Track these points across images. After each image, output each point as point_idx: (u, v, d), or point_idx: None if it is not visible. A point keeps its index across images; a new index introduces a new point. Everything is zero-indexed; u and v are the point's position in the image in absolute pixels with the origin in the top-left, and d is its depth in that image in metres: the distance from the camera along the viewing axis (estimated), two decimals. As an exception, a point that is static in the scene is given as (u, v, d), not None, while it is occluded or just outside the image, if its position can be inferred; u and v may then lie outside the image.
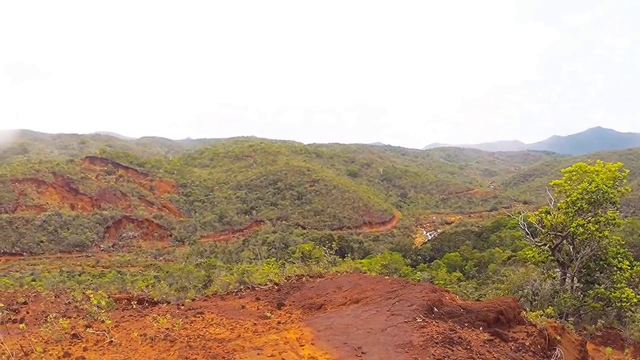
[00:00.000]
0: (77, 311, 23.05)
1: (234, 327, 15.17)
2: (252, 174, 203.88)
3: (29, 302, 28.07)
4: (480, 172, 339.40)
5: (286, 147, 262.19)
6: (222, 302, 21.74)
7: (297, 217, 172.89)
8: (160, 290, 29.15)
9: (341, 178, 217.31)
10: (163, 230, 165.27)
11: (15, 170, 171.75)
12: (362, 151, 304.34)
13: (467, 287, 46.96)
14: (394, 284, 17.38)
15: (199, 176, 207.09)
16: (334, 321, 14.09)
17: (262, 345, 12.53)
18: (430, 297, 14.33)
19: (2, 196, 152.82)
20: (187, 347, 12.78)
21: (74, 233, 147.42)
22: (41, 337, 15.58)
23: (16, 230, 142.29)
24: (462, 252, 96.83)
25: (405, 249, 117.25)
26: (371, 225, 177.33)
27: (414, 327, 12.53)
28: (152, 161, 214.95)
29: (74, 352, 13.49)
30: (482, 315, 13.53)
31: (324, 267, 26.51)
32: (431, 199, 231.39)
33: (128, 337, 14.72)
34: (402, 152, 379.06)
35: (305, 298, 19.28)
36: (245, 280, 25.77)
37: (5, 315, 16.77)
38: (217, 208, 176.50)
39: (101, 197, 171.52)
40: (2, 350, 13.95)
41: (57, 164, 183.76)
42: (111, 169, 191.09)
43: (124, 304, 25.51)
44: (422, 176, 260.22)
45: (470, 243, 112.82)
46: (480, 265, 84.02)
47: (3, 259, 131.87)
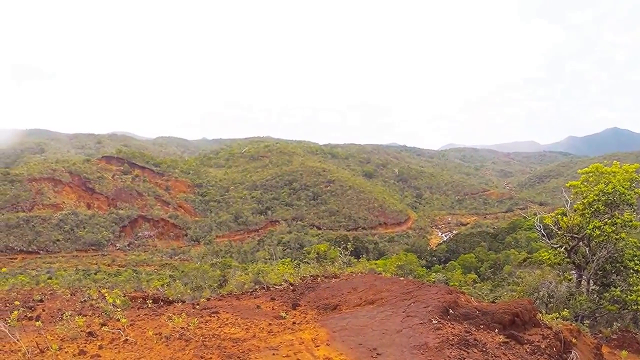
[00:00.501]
0: (92, 309, 23.16)
1: (249, 327, 15.14)
2: (267, 174, 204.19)
3: (45, 300, 28.25)
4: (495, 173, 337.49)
5: (301, 148, 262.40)
6: (237, 302, 21.73)
7: (312, 217, 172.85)
8: (175, 289, 29.22)
9: (356, 178, 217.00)
10: (179, 229, 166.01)
11: (32, 169, 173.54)
12: (378, 152, 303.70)
13: (482, 289, 46.58)
14: (409, 285, 17.29)
15: (214, 176, 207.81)
16: (349, 322, 14.03)
17: (277, 346, 12.48)
18: (446, 299, 14.23)
19: (19, 195, 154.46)
20: (202, 346, 12.77)
21: (90, 232, 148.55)
22: (57, 334, 15.63)
23: (33, 228, 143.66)
24: (478, 253, 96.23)
25: (420, 250, 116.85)
26: (386, 226, 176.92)
27: (430, 328, 12.46)
28: (168, 161, 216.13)
29: (89, 350, 13.52)
30: (498, 317, 13.42)
31: (339, 267, 26.44)
32: (446, 200, 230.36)
33: (143, 335, 14.74)
34: (418, 152, 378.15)
35: (320, 298, 19.22)
36: (261, 280, 25.76)
37: (21, 313, 16.88)
38: (233, 208, 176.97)
39: (117, 196, 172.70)
40: (18, 347, 14.05)
41: (74, 163, 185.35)
42: (127, 169, 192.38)
43: (139, 303, 25.57)
44: (438, 177, 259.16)
45: (486, 244, 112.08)
46: (496, 267, 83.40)
47: (20, 257, 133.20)
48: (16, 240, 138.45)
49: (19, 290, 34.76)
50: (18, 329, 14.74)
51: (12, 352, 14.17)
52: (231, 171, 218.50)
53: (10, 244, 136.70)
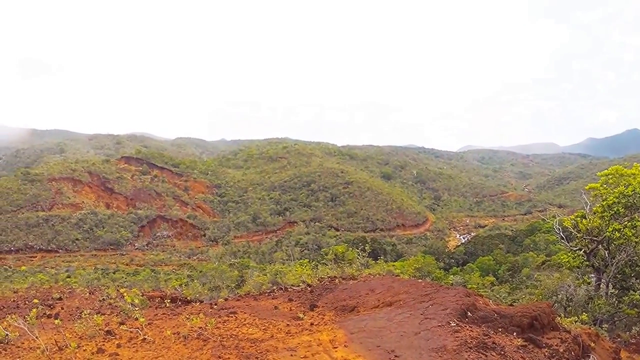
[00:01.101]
0: (111, 308, 23.27)
1: (267, 327, 15.10)
2: (285, 175, 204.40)
3: (63, 298, 28.45)
4: (514, 175, 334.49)
5: (320, 149, 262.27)
6: (254, 303, 21.72)
7: (330, 218, 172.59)
8: (193, 289, 29.30)
9: (375, 180, 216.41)
10: (197, 230, 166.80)
11: (52, 169, 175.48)
12: (396, 153, 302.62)
13: (500, 292, 46.25)
14: (427, 288, 17.18)
15: (233, 177, 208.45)
16: (367, 324, 13.95)
17: (295, 347, 12.43)
18: (464, 301, 14.12)
19: (39, 194, 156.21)
20: (220, 346, 12.75)
21: (109, 231, 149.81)
22: (75, 332, 15.71)
23: (52, 227, 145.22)
24: (496, 256, 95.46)
25: (438, 252, 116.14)
26: (404, 227, 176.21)
27: (448, 331, 12.37)
28: (187, 162, 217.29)
29: (107, 348, 13.57)
30: (516, 320, 13.31)
31: (356, 269, 26.35)
32: (465, 201, 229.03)
33: (161, 335, 14.76)
34: (436, 154, 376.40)
35: (338, 300, 19.16)
36: (278, 281, 25.74)
37: (40, 311, 17.01)
38: (251, 209, 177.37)
39: (136, 196, 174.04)
40: (37, 345, 14.14)
41: (93, 163, 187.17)
42: (146, 169, 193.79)
43: (157, 302, 25.67)
44: (456, 179, 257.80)
45: (504, 247, 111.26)
46: (514, 269, 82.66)
47: (39, 255, 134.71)
48: (36, 239, 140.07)
49: (38, 288, 35.08)
50: (37, 327, 14.83)
51: (31, 350, 14.27)
52: (250, 172, 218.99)
53: (30, 242, 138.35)
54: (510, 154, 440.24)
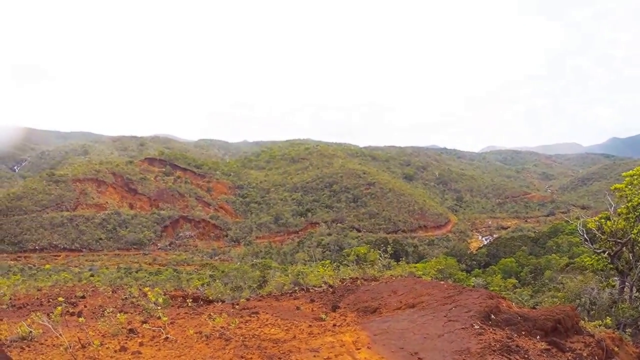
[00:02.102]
0: (133, 307, 23.45)
1: (289, 328, 15.08)
2: (308, 176, 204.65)
3: (87, 296, 28.74)
4: (537, 176, 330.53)
5: (342, 150, 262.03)
6: (276, 303, 21.73)
7: (352, 219, 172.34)
8: (215, 289, 29.40)
9: (397, 181, 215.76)
10: (219, 230, 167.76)
11: (76, 170, 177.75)
12: (418, 154, 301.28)
13: (522, 294, 45.76)
14: (450, 289, 17.07)
15: (255, 178, 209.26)
16: (390, 325, 13.88)
17: (318, 347, 12.38)
18: (488, 304, 14.00)
19: (64, 195, 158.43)
20: (243, 346, 12.74)
21: (132, 231, 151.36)
22: (98, 330, 15.84)
23: (76, 227, 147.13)
24: (518, 258, 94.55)
25: (460, 254, 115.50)
26: (426, 229, 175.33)
27: (472, 333, 12.26)
28: (210, 163, 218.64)
29: (130, 346, 13.63)
30: (540, 323, 13.16)
31: (378, 270, 26.26)
32: (487, 203, 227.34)
33: (184, 334, 14.82)
34: (458, 155, 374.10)
35: (360, 301, 19.10)
36: (300, 281, 25.72)
37: (63, 309, 17.15)
38: (273, 210, 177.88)
39: (159, 197, 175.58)
40: (60, 342, 14.26)
41: (117, 164, 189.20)
42: (169, 170, 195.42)
43: (179, 302, 25.84)
44: (478, 180, 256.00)
45: (527, 249, 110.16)
46: (536, 272, 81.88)
47: (63, 254, 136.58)
48: (60, 238, 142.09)
49: (61, 286, 35.51)
50: (61, 324, 14.97)
51: (54, 347, 14.39)
52: (272, 173, 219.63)
53: (54, 241, 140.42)
54: (532, 154, 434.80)
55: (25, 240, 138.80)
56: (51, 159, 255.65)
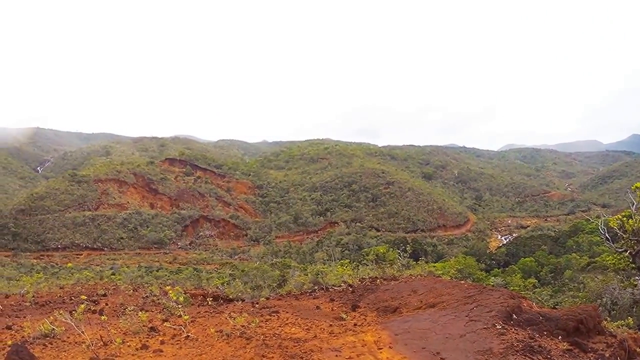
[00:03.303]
0: (154, 305, 23.61)
1: (310, 327, 15.09)
2: (327, 176, 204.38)
3: (108, 294, 29.01)
4: (557, 174, 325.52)
5: (361, 150, 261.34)
6: (296, 302, 21.74)
7: (371, 219, 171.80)
8: (235, 288, 29.52)
9: (416, 180, 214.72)
10: (239, 230, 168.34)
11: (98, 171, 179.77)
12: (437, 153, 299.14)
13: (542, 294, 45.31)
14: (470, 289, 16.97)
15: (274, 178, 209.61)
16: (411, 325, 13.84)
17: (339, 347, 12.36)
18: (509, 303, 13.90)
19: (86, 195, 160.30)
20: (263, 345, 12.76)
21: (153, 231, 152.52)
22: (120, 328, 15.97)
23: (98, 226, 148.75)
24: (538, 257, 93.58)
25: (479, 253, 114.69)
26: (445, 228, 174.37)
27: (494, 333, 12.19)
28: (230, 163, 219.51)
29: (151, 344, 13.72)
30: (562, 323, 13.01)
31: (397, 269, 26.16)
32: (507, 202, 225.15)
33: (204, 332, 14.89)
34: (477, 153, 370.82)
35: (380, 300, 19.06)
36: (320, 281, 25.71)
37: (85, 306, 17.32)
38: (292, 209, 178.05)
39: (180, 197, 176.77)
40: (82, 339, 14.41)
41: (138, 165, 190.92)
42: (190, 171, 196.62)
43: (199, 300, 25.97)
44: (498, 178, 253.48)
45: (546, 248, 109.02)
46: (556, 271, 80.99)
47: (85, 253, 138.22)
48: (82, 237, 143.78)
49: (83, 284, 35.91)
50: (83, 322, 15.12)
51: (76, 344, 14.53)
52: (291, 173, 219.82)
53: (76, 240, 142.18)
54: (552, 152, 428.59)
55: (48, 239, 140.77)
56: (73, 160, 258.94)
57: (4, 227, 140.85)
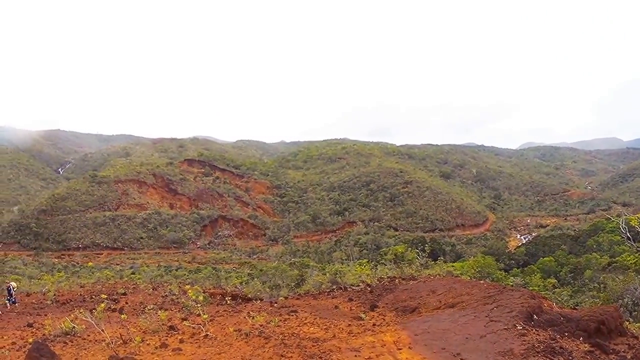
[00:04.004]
0: (173, 304, 23.83)
1: (328, 327, 15.07)
2: (345, 175, 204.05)
3: (128, 293, 29.33)
4: (577, 172, 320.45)
5: (378, 149, 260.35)
6: (314, 302, 21.76)
7: (389, 218, 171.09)
8: (253, 287, 29.64)
9: (434, 179, 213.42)
10: (257, 229, 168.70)
11: (118, 171, 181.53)
12: (455, 152, 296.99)
13: (561, 295, 44.80)
14: (490, 289, 16.86)
15: (293, 178, 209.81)
16: (430, 325, 13.76)
17: (359, 347, 12.33)
18: (530, 304, 13.78)
19: (106, 195, 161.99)
20: (282, 344, 12.77)
21: (172, 230, 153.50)
22: (139, 327, 16.12)
23: (118, 226, 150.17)
24: (557, 257, 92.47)
25: (498, 253, 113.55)
26: (464, 227, 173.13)
27: (514, 334, 12.09)
28: (248, 163, 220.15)
29: (170, 343, 13.81)
30: (583, 324, 12.85)
31: (416, 269, 26.12)
32: (526, 200, 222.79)
33: (223, 331, 14.95)
34: (496, 152, 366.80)
35: (399, 300, 19.02)
36: (338, 280, 25.72)
37: (105, 305, 17.49)
38: (311, 209, 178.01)
39: (199, 197, 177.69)
40: (102, 337, 14.57)
41: (158, 166, 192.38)
42: (208, 171, 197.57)
43: (218, 299, 26.11)
44: (517, 177, 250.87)
45: (566, 248, 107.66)
46: (576, 271, 79.89)
47: (105, 252, 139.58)
48: (102, 237, 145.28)
49: (104, 283, 36.38)
50: (103, 320, 15.28)
51: (96, 342, 14.70)
52: (309, 173, 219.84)
53: (97, 240, 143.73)
54: (571, 150, 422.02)
55: (69, 239, 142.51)
56: (94, 161, 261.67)
57: (26, 227, 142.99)
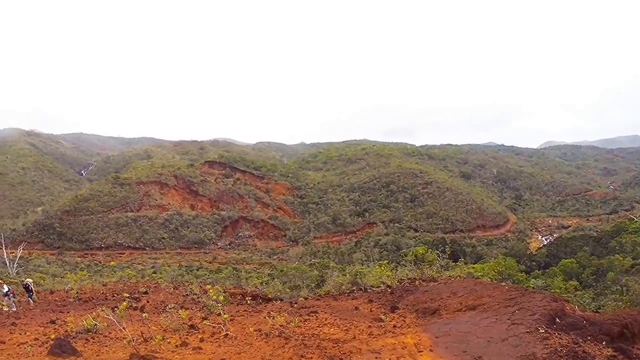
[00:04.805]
0: (194, 303, 23.98)
1: (349, 328, 15.06)
2: (365, 176, 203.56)
3: (149, 292, 29.57)
4: (598, 172, 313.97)
5: (398, 150, 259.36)
6: (334, 302, 21.75)
7: (409, 219, 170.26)
8: (274, 287, 29.71)
9: (454, 180, 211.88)
10: (278, 230, 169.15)
11: (140, 173, 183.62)
12: (475, 152, 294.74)
13: (583, 297, 44.14)
14: (511, 291, 16.73)
15: (313, 179, 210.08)
16: (451, 328, 13.69)
17: (379, 349, 12.28)
18: (552, 307, 13.64)
19: (128, 197, 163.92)
20: (302, 345, 12.78)
21: (193, 231, 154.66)
22: (160, 325, 16.27)
23: (140, 227, 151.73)
24: (579, 258, 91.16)
25: (519, 254, 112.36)
26: (484, 228, 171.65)
27: (537, 338, 11.98)
28: (268, 165, 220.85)
29: (191, 342, 13.93)
30: (606, 328, 12.71)
31: (436, 271, 26.02)
32: (547, 201, 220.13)
33: (243, 331, 15.02)
34: (516, 151, 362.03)
35: (419, 302, 18.94)
36: (358, 281, 25.68)
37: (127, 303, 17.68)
38: (331, 210, 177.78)
39: (219, 198, 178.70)
40: (123, 335, 14.73)
41: (179, 168, 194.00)
42: (229, 173, 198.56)
43: (238, 299, 26.22)
44: (537, 177, 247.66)
45: (588, 249, 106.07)
46: (598, 273, 78.66)
47: (127, 252, 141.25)
48: (125, 237, 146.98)
49: (125, 282, 36.75)
50: (124, 318, 15.46)
51: (117, 339, 14.88)
52: (329, 174, 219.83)
53: (119, 240, 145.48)
54: (593, 148, 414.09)
55: (91, 239, 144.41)
56: (116, 163, 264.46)
57: (49, 227, 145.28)
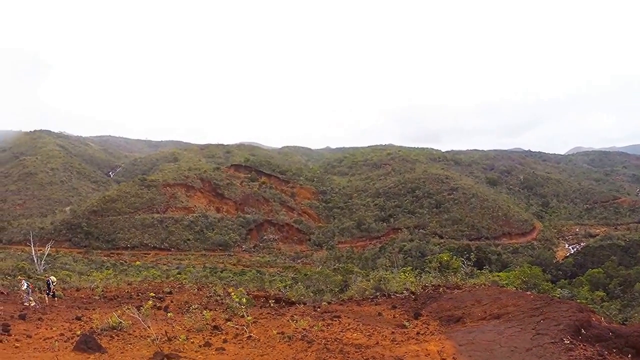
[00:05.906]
0: (217, 304, 24.17)
1: (372, 333, 15.03)
2: (390, 181, 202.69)
3: (173, 292, 29.89)
4: (627, 179, 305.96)
5: (424, 155, 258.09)
6: (358, 308, 21.75)
7: (434, 225, 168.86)
8: (297, 291, 29.75)
9: (480, 186, 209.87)
10: (302, 234, 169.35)
11: (167, 176, 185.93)
12: (502, 157, 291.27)
13: (609, 308, 43.35)
14: (536, 301, 16.54)
15: (338, 183, 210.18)
16: (475, 336, 13.59)
17: (402, 355, 12.24)
18: (578, 317, 13.46)
19: (155, 198, 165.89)
20: (325, 349, 12.78)
21: (218, 233, 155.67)
22: (184, 325, 16.44)
23: (166, 228, 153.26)
24: (606, 268, 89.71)
25: (545, 263, 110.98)
26: (510, 236, 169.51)
27: (562, 349, 11.81)
28: (293, 169, 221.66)
29: (214, 342, 14.03)
30: (632, 340, 12.50)
31: (461, 278, 25.86)
32: (574, 208, 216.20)
33: (266, 334, 15.10)
34: (543, 157, 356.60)
35: (443, 309, 18.86)
36: (382, 287, 25.62)
37: (152, 302, 17.90)
38: (355, 215, 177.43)
39: (245, 201, 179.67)
40: (147, 334, 14.92)
41: (205, 171, 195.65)
42: (254, 176, 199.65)
43: (261, 302, 26.36)
44: (565, 184, 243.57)
45: (616, 259, 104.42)
46: (626, 284, 77.36)
47: (153, 252, 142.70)
48: (150, 238, 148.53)
49: (150, 282, 37.19)
50: (149, 317, 15.67)
51: (141, 338, 15.07)
52: (354, 179, 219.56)
53: (145, 241, 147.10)
54: (622, 154, 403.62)
55: (118, 239, 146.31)
56: (143, 166, 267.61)
57: (77, 226, 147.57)
